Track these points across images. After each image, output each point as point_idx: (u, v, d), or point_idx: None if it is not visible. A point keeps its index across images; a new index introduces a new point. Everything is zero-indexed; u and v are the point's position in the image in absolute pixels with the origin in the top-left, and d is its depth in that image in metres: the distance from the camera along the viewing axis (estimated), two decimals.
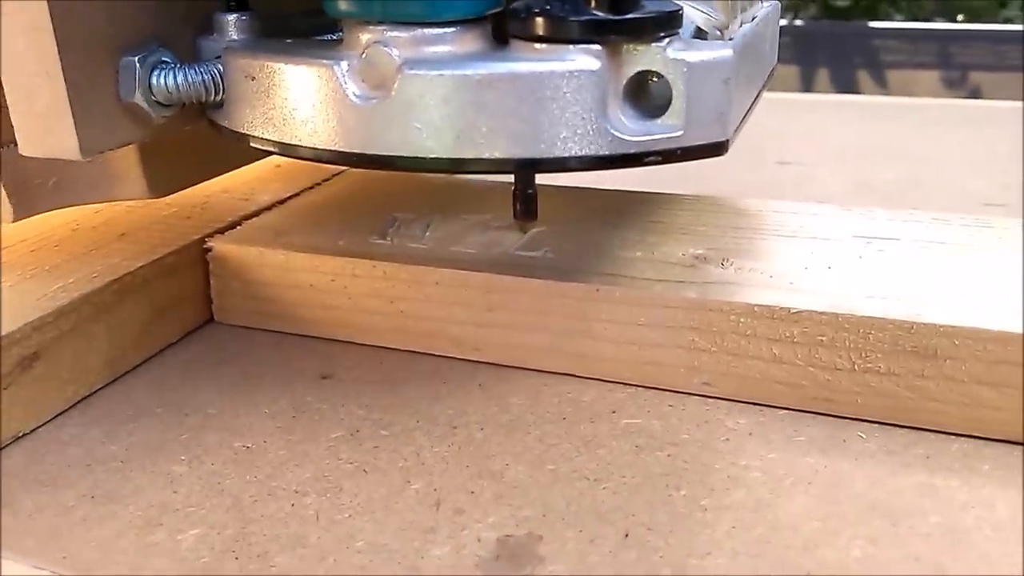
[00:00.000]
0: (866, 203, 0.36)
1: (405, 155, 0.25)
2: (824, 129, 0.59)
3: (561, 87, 0.23)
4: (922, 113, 0.64)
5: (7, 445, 0.26)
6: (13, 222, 0.30)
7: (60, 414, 0.27)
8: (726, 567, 0.21)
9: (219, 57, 0.28)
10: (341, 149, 0.25)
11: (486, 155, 0.24)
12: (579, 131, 0.24)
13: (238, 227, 0.33)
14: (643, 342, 0.27)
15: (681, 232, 0.31)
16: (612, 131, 0.24)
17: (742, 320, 0.26)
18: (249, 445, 0.26)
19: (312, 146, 0.26)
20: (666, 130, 0.24)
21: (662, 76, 0.24)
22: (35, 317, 0.26)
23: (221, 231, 0.33)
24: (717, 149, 0.25)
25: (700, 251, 0.30)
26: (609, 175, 0.33)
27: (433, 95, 0.24)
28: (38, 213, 0.31)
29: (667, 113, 0.24)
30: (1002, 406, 0.24)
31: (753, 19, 0.29)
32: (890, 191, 0.46)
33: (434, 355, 0.30)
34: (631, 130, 0.24)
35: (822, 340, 0.25)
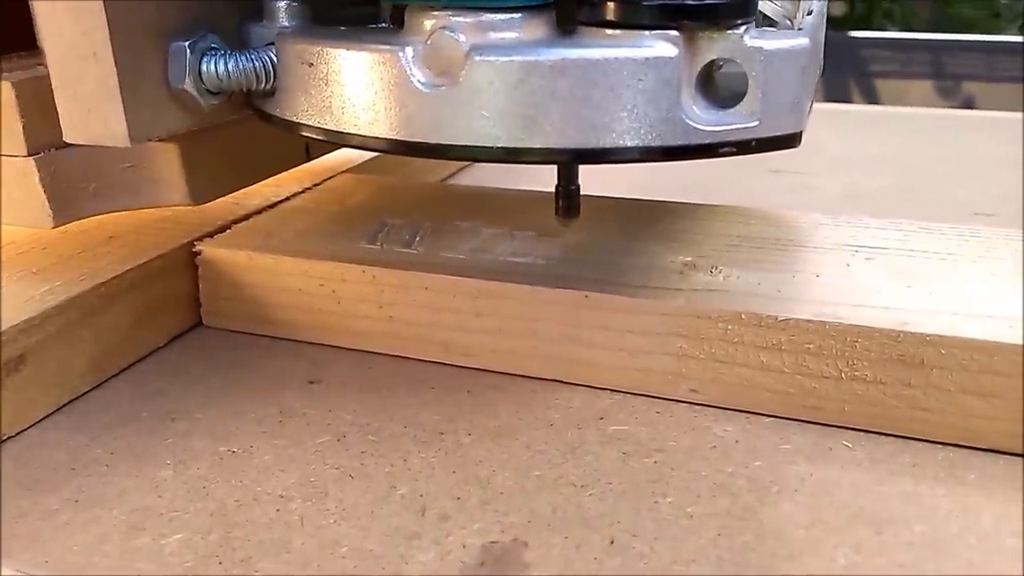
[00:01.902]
0: (856, 212, 0.36)
1: (470, 144, 0.24)
2: (816, 138, 0.59)
3: (637, 74, 0.23)
4: (914, 123, 0.64)
5: None
6: (54, 227, 0.30)
7: (45, 417, 0.27)
8: (711, 574, 0.21)
9: (270, 44, 0.27)
10: (403, 138, 0.25)
11: (555, 144, 0.24)
12: (653, 120, 0.23)
13: (227, 231, 0.33)
14: (631, 349, 0.27)
15: (670, 239, 0.32)
16: (687, 121, 0.23)
17: (730, 327, 0.26)
18: (235, 450, 0.25)
19: (372, 135, 0.25)
20: (741, 120, 0.23)
21: (736, 64, 0.23)
22: (21, 320, 0.26)
23: (210, 235, 0.33)
24: (791, 140, 0.24)
25: (689, 258, 0.30)
26: (601, 182, 0.34)
27: (503, 82, 0.23)
28: (78, 219, 0.31)
29: (743, 102, 0.23)
30: (988, 415, 0.24)
31: (810, 12, 0.28)
32: (880, 200, 0.46)
33: (423, 360, 0.30)
34: (705, 120, 0.23)
35: (809, 348, 0.25)
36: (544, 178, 0.34)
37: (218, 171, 0.33)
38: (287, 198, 0.37)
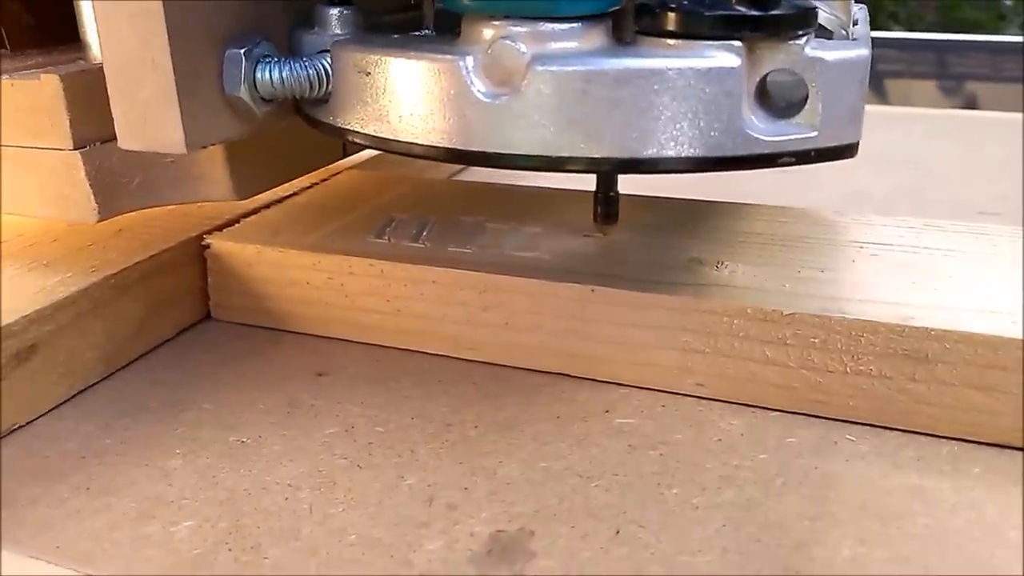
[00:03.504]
0: (862, 210, 0.36)
1: (530, 153, 0.24)
2: None
3: (699, 84, 0.23)
4: (919, 123, 0.64)
5: (3, 437, 0.26)
6: (97, 222, 0.30)
7: (56, 407, 0.27)
8: (716, 565, 0.21)
9: (322, 51, 0.27)
10: (460, 147, 0.25)
11: (615, 154, 0.23)
12: (714, 130, 0.23)
13: (236, 224, 0.33)
14: (637, 343, 0.28)
15: (676, 235, 0.32)
16: (747, 131, 0.23)
17: (735, 322, 0.26)
18: (244, 440, 0.26)
19: (429, 143, 0.25)
20: (800, 130, 0.24)
21: (795, 74, 0.23)
22: (32, 310, 0.26)
23: (219, 228, 0.33)
24: (849, 151, 0.24)
25: (695, 254, 0.30)
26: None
27: (565, 92, 0.23)
28: (121, 213, 0.30)
29: (802, 112, 0.23)
30: (993, 410, 0.24)
31: (855, 22, 0.28)
32: (886, 198, 0.46)
33: (430, 354, 0.30)
34: (764, 130, 0.24)
35: (814, 342, 0.26)
36: (548, 174, 0.34)
37: (260, 166, 0.33)
38: (295, 193, 0.37)
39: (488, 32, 0.24)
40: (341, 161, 0.41)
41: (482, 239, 0.31)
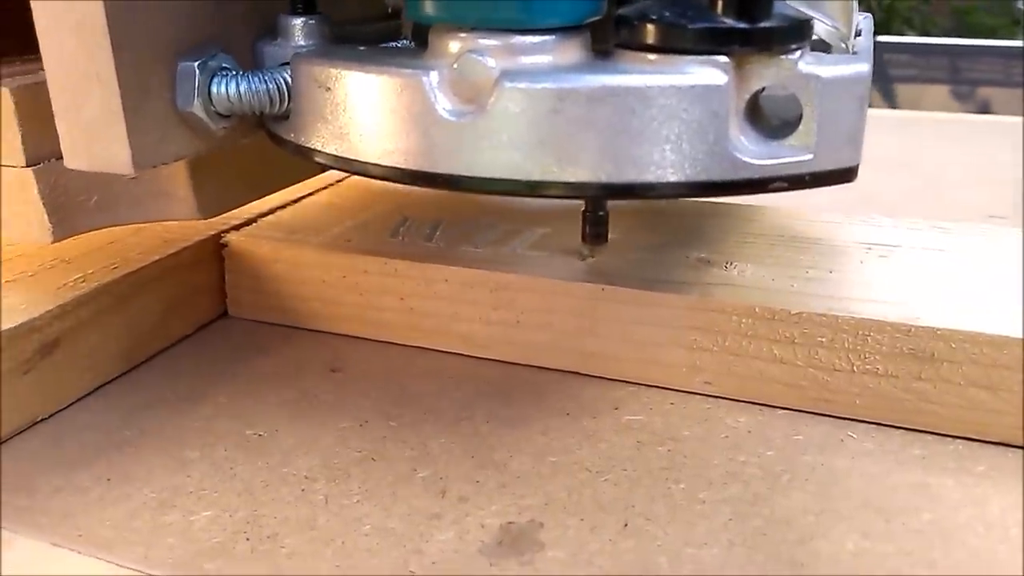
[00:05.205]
0: (870, 212, 0.36)
1: (498, 177, 0.22)
2: None
3: (682, 104, 0.21)
4: (930, 127, 0.64)
5: (26, 428, 0.26)
6: (53, 243, 0.28)
7: (77, 400, 0.28)
8: (722, 557, 0.21)
9: (284, 64, 0.26)
10: (424, 169, 0.23)
11: (590, 179, 0.22)
12: (698, 153, 0.21)
13: (253, 224, 0.34)
14: (646, 341, 0.28)
15: (686, 235, 0.32)
16: (735, 154, 0.22)
17: (743, 321, 0.27)
18: (260, 433, 0.26)
19: (392, 165, 0.23)
20: (794, 153, 0.22)
21: (789, 92, 0.21)
22: (55, 305, 0.27)
23: (237, 228, 0.33)
24: (847, 175, 0.23)
25: (704, 254, 0.30)
26: None
27: (535, 110, 0.21)
28: (79, 233, 0.29)
29: (796, 134, 0.22)
30: (998, 409, 0.25)
31: (859, 33, 0.26)
32: (894, 201, 0.46)
33: (442, 351, 0.31)
34: (755, 153, 0.22)
35: (822, 341, 0.26)
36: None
37: (228, 183, 0.31)
38: (311, 193, 0.38)
39: (455, 45, 0.23)
40: None
41: (494, 239, 0.32)
